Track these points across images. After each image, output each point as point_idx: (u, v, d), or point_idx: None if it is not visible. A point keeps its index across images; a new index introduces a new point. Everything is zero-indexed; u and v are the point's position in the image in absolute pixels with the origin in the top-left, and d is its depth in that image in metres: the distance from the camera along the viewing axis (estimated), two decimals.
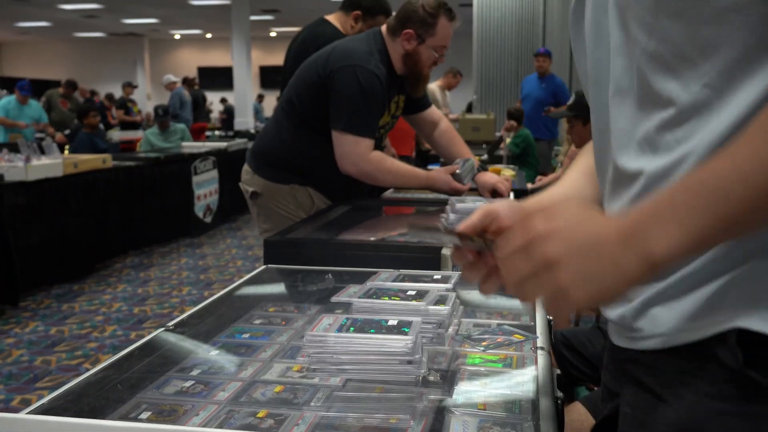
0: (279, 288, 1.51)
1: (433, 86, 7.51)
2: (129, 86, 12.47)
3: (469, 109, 8.11)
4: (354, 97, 2.21)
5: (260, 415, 0.91)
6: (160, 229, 6.38)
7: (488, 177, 2.48)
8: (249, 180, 2.45)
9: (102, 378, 0.99)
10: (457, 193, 2.35)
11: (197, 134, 9.99)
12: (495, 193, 2.44)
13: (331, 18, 2.99)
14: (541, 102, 7.07)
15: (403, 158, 3.50)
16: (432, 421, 0.88)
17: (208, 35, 21.72)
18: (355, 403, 0.93)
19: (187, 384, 1.00)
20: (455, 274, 1.24)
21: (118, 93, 12.87)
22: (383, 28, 2.36)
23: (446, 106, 7.53)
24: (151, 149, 7.39)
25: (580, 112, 2.99)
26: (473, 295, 1.36)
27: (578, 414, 1.50)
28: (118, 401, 0.92)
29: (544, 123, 6.97)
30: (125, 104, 11.91)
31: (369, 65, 2.22)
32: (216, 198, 7.16)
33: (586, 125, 2.99)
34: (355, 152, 2.24)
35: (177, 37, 22.29)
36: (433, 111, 2.72)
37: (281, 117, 2.43)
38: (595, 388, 1.75)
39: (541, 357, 1.01)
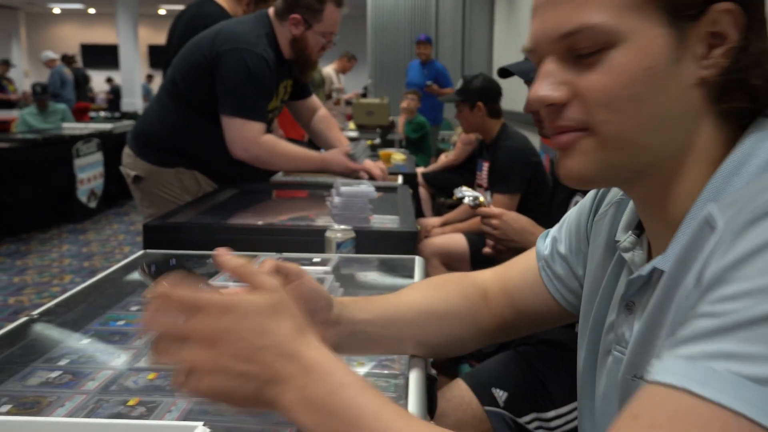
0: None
1: (329, 69, 7.49)
2: (4, 64, 11.69)
3: (365, 93, 8.13)
4: (242, 81, 2.16)
5: (131, 403, 0.88)
6: (39, 214, 6.03)
7: (366, 161, 2.51)
8: (131, 164, 2.36)
9: None
10: (353, 172, 2.36)
11: (80, 115, 9.50)
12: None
13: None
14: (422, 88, 7.19)
15: (295, 142, 3.48)
16: None
17: (91, 10, 20.59)
18: None
19: (54, 375, 0.96)
20: (335, 257, 1.25)
21: None
22: (271, 10, 2.32)
23: (341, 91, 7.52)
24: (29, 130, 6.97)
25: (467, 97, 3.05)
26: (352, 277, 1.37)
27: (459, 390, 1.55)
28: None
29: (428, 109, 7.09)
30: (0, 82, 11.17)
31: (257, 49, 2.18)
32: (101, 182, 6.85)
33: (473, 110, 3.06)
34: (245, 137, 2.20)
35: (56, 11, 20.99)
36: (314, 99, 2.72)
37: (165, 98, 2.35)
38: (477, 365, 1.81)
39: None
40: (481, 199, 1.79)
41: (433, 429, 0.58)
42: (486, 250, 1.80)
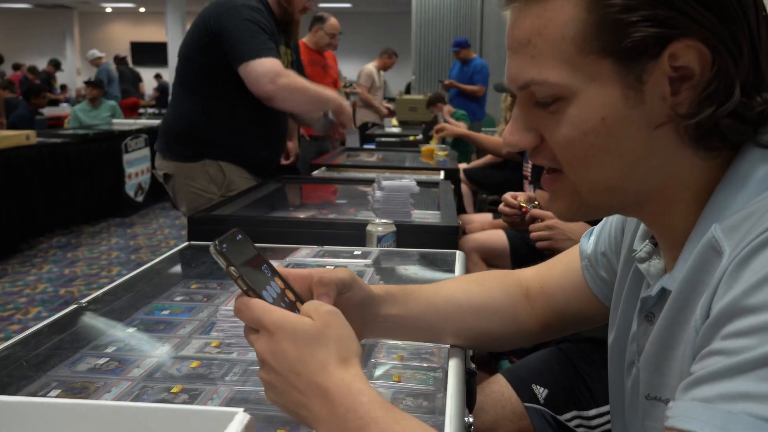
0: (202, 265, 1.49)
1: (370, 66, 7.52)
2: (51, 64, 12.07)
3: (408, 89, 8.13)
4: (247, 28, 2.21)
5: (174, 390, 0.90)
6: (89, 208, 6.19)
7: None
8: (160, 164, 2.44)
9: (8, 356, 0.96)
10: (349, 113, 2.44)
11: (130, 111, 9.72)
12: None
13: None
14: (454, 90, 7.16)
15: None
16: None
17: (142, 9, 21.03)
18: None
19: (101, 361, 0.98)
20: (375, 250, 1.26)
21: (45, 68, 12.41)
22: None
23: (380, 88, 7.53)
24: (80, 126, 7.16)
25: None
26: (393, 271, 1.38)
27: (499, 386, 1.54)
28: (24, 379, 0.90)
29: (467, 106, 7.04)
30: (48, 80, 11.50)
31: (250, 2, 2.26)
32: (148, 177, 6.99)
33: None
34: (268, 71, 2.19)
35: (108, 10, 21.49)
36: None
37: (177, 90, 2.43)
38: (517, 361, 1.80)
39: None
40: (536, 201, 1.78)
41: None
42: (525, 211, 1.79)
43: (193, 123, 2.36)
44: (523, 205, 1.81)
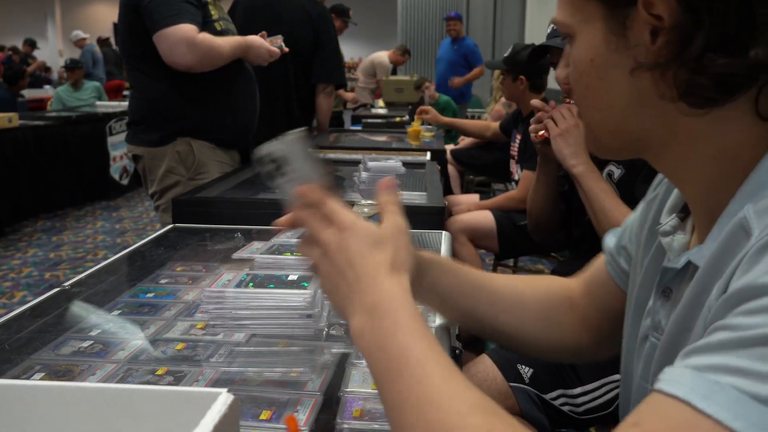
0: (186, 247, 1.49)
1: (383, 54, 7.51)
2: (27, 44, 11.92)
3: (394, 70, 8.09)
4: None
5: (159, 372, 0.90)
6: (73, 191, 6.13)
7: None
8: (129, 147, 2.44)
9: None
10: (272, 56, 2.42)
11: (114, 93, 9.60)
12: None
13: None
14: (452, 64, 7.12)
15: None
16: (332, 374, 0.89)
17: None
18: (257, 357, 0.94)
19: (85, 344, 0.98)
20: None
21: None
22: None
23: (380, 74, 7.50)
24: (63, 108, 7.08)
25: (512, 68, 3.01)
26: None
27: (484, 366, 1.54)
28: (7, 362, 0.89)
29: (457, 89, 7.04)
30: (26, 61, 11.35)
31: None
32: None
33: (515, 82, 3.02)
34: (181, 39, 2.14)
35: None
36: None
37: (130, 74, 2.43)
38: None
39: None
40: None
41: (470, 388, 0.59)
42: (540, 134, 1.75)
43: (155, 106, 2.32)
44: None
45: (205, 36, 2.20)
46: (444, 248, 1.36)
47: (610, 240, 0.93)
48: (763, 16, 0.56)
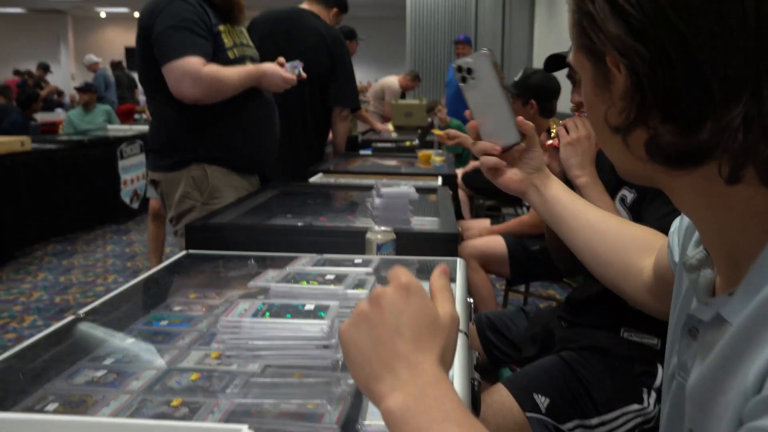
0: (200, 274, 1.48)
1: (393, 79, 7.56)
2: (41, 68, 12.08)
3: (403, 94, 8.12)
4: (169, 26, 2.20)
5: (174, 403, 0.89)
6: (84, 215, 6.16)
7: None
8: (150, 173, 2.49)
9: (4, 369, 0.94)
10: (287, 83, 2.41)
11: (125, 117, 9.68)
12: None
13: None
14: (459, 89, 7.14)
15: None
16: (350, 406, 0.88)
17: (136, 14, 21.01)
18: (272, 389, 0.92)
19: (99, 374, 0.97)
20: (376, 258, 1.24)
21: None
22: None
23: (388, 98, 7.53)
24: (74, 132, 7.13)
25: (522, 92, 3.01)
26: None
27: (500, 395, 1.52)
28: (21, 392, 0.88)
29: (464, 108, 7.05)
30: (39, 85, 11.49)
31: None
32: (143, 183, 6.96)
33: (525, 106, 3.01)
34: (186, 73, 2.18)
35: (103, 15, 21.44)
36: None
37: (149, 101, 2.44)
38: (518, 369, 1.78)
39: (459, 339, 1.01)
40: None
41: None
42: (549, 142, 1.74)
43: (173, 132, 2.34)
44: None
45: (211, 69, 2.22)
46: (459, 276, 1.34)
47: (674, 223, 0.91)
48: (722, 93, 0.54)
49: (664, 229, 1.18)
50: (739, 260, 0.61)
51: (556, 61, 1.78)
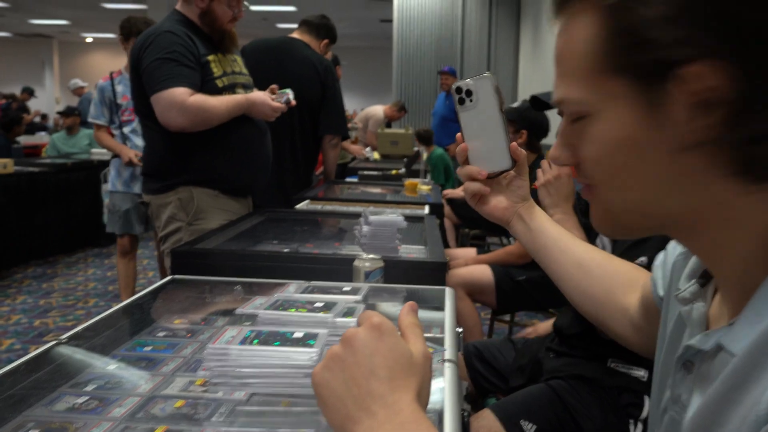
0: (186, 299, 1.46)
1: (378, 108, 7.62)
2: (26, 92, 12.07)
3: (389, 123, 8.17)
4: (156, 58, 2.25)
5: (158, 431, 0.87)
6: (65, 238, 6.09)
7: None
8: (144, 197, 2.53)
9: None
10: (276, 111, 2.42)
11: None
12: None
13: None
14: (444, 119, 7.25)
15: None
16: None
17: None
18: (259, 417, 0.91)
19: (81, 400, 0.94)
20: (365, 286, 1.24)
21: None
22: (179, 3, 2.43)
23: (371, 127, 7.57)
24: (58, 155, 7.08)
25: (517, 120, 3.03)
26: (383, 307, 1.35)
27: (486, 421, 1.51)
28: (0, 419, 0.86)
29: (449, 138, 7.14)
30: (24, 109, 11.45)
31: (162, 28, 2.30)
32: None
33: (515, 134, 3.03)
34: (173, 103, 2.22)
35: (89, 40, 21.48)
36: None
37: (142, 126, 2.51)
38: (503, 398, 1.77)
39: (449, 369, 1.01)
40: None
41: None
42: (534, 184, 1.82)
43: (162, 157, 2.39)
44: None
45: (197, 98, 2.25)
46: (448, 305, 1.34)
47: (657, 259, 0.90)
48: None
49: (632, 258, 1.19)
50: (750, 289, 0.59)
51: (541, 102, 1.82)
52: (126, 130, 4.07)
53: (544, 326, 2.10)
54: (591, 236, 1.73)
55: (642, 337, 0.93)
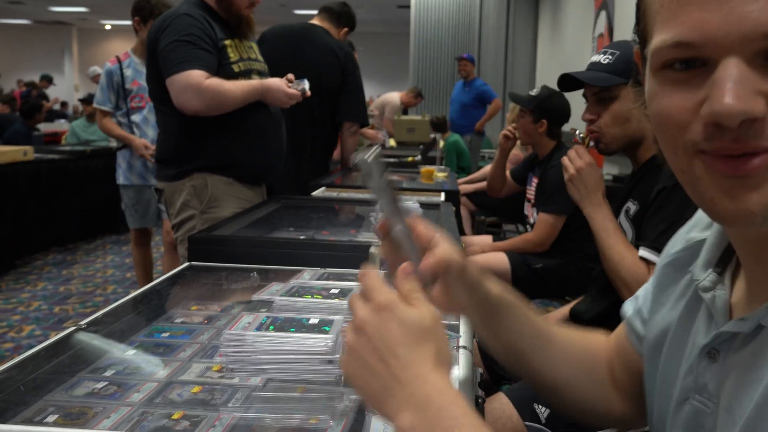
0: (202, 286, 1.47)
1: (397, 100, 7.59)
2: (45, 80, 12.14)
3: (405, 110, 8.16)
4: (172, 40, 2.25)
5: (175, 416, 0.88)
6: (84, 225, 6.16)
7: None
8: (157, 182, 2.53)
9: (4, 380, 0.93)
10: (291, 98, 2.40)
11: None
12: None
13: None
14: (464, 106, 7.23)
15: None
16: (352, 421, 0.87)
17: None
18: (275, 403, 0.91)
19: (100, 385, 0.96)
20: (380, 273, 1.24)
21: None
22: None
23: (388, 114, 7.55)
24: (78, 142, 7.15)
25: (536, 109, 2.98)
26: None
27: (500, 403, 1.52)
28: (21, 404, 0.87)
29: (469, 126, 7.13)
30: (44, 96, 11.57)
31: (180, 11, 2.30)
32: None
33: (535, 124, 2.99)
34: (189, 85, 2.21)
35: (108, 27, 21.59)
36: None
37: (156, 112, 2.49)
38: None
39: (463, 356, 1.01)
40: (589, 140, 1.80)
41: None
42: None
43: (177, 143, 2.38)
44: (578, 137, 1.86)
45: (213, 82, 2.24)
46: None
47: (627, 308, 0.91)
48: None
49: (659, 248, 1.18)
50: None
51: (570, 82, 1.80)
52: (135, 118, 3.85)
53: (554, 315, 2.09)
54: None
55: (627, 400, 0.90)
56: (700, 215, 0.80)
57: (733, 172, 0.55)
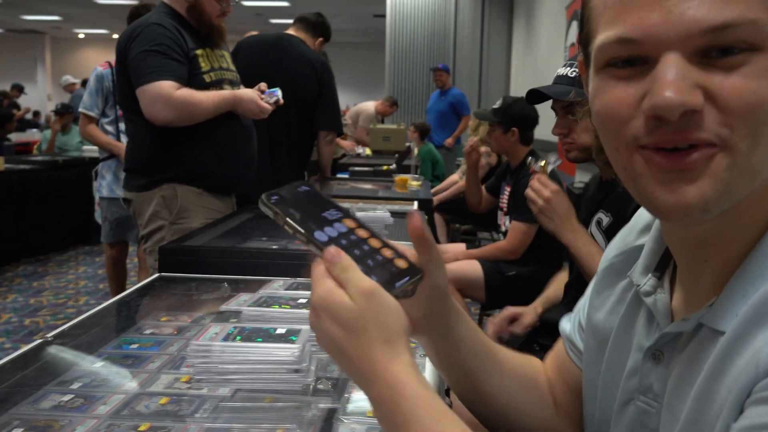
0: (172, 297, 1.47)
1: (370, 104, 7.61)
2: (16, 89, 12.00)
3: (381, 120, 8.18)
4: (142, 50, 2.24)
5: (142, 428, 0.88)
6: (56, 236, 6.08)
7: None
8: (123, 192, 2.53)
9: None
10: (263, 112, 2.41)
11: None
12: None
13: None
14: (441, 114, 7.28)
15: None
16: (320, 430, 0.88)
17: (115, 35, 20.96)
18: (243, 413, 0.92)
19: (66, 398, 0.95)
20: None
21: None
22: None
23: (362, 122, 7.56)
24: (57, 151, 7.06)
25: (503, 120, 3.02)
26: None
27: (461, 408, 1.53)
28: None
29: (445, 135, 7.19)
30: (15, 105, 11.42)
31: (150, 20, 2.29)
32: None
33: (506, 134, 3.03)
34: (159, 96, 2.21)
35: (81, 36, 21.39)
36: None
37: (126, 122, 2.48)
38: None
39: (429, 364, 1.02)
40: (547, 165, 1.77)
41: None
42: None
43: (147, 153, 2.36)
44: (534, 166, 1.82)
45: (183, 93, 2.24)
46: None
47: (565, 325, 0.92)
48: None
49: None
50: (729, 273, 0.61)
51: (536, 95, 1.83)
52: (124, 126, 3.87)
53: (525, 320, 2.10)
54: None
55: (565, 417, 0.89)
56: (636, 220, 0.82)
57: (671, 166, 0.56)
